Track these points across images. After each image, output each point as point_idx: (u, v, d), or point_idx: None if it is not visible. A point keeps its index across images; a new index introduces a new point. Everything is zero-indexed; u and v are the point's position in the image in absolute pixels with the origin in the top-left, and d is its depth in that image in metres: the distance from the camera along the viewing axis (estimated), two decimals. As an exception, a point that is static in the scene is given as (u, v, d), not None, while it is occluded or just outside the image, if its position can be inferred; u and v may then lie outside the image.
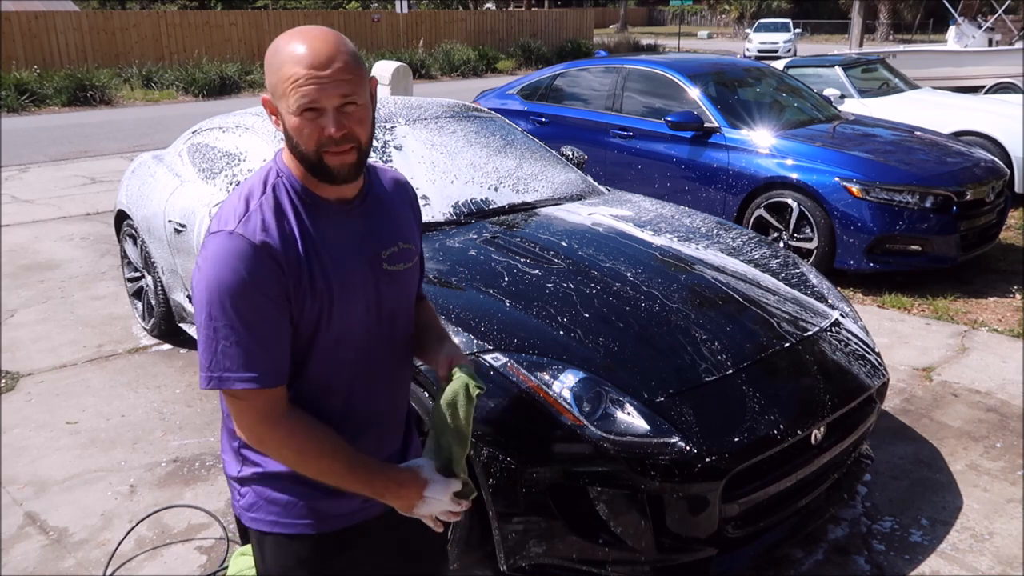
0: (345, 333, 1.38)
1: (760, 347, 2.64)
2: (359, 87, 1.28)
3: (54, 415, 3.72)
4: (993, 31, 14.96)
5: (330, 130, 1.26)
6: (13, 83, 16.07)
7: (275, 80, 1.27)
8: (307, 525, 1.43)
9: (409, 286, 1.50)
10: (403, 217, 1.50)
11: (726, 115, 5.81)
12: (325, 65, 1.24)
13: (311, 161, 1.30)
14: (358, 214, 1.40)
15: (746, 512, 2.40)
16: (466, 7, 38.92)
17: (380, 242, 1.42)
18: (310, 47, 1.25)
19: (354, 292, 1.36)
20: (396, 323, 1.47)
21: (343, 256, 1.36)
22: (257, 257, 1.26)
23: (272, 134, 3.58)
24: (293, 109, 1.26)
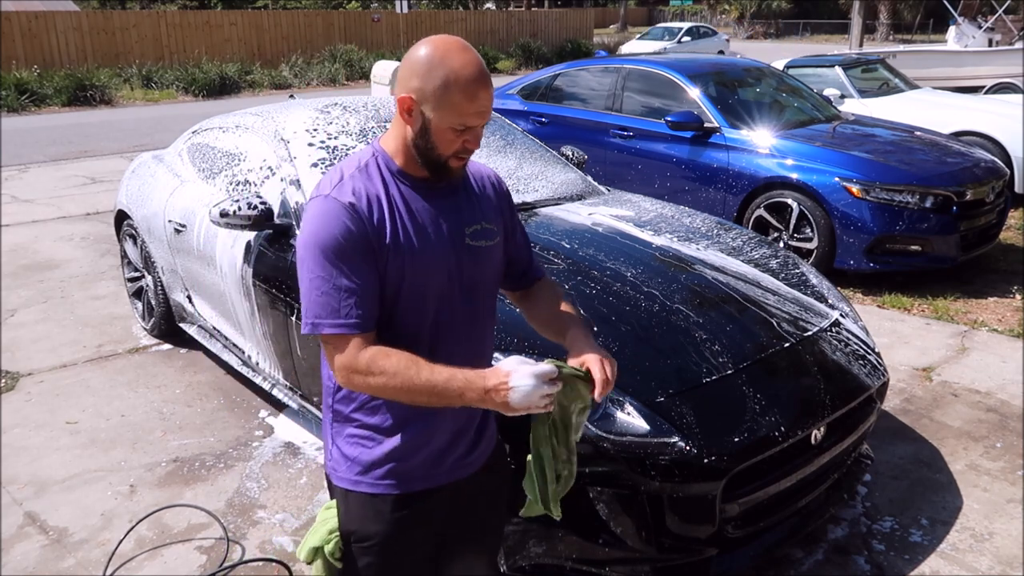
0: (427, 291, 1.49)
1: (760, 347, 2.64)
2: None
3: (54, 415, 3.72)
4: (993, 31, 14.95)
5: (472, 144, 1.46)
6: (13, 83, 16.06)
7: (436, 92, 1.39)
8: (388, 485, 1.55)
9: (491, 264, 1.60)
10: (487, 201, 1.62)
11: (726, 115, 5.81)
12: (486, 96, 1.42)
13: (439, 162, 1.47)
14: (445, 193, 1.54)
15: (746, 512, 2.40)
16: (466, 7, 38.91)
17: (463, 219, 1.55)
18: (476, 73, 1.40)
19: (434, 255, 1.48)
20: (476, 295, 1.57)
21: (426, 223, 1.49)
22: (347, 215, 1.42)
23: (272, 134, 3.58)
24: (451, 124, 1.41)
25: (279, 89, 19.81)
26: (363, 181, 1.47)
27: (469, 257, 1.54)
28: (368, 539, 1.57)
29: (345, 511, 1.61)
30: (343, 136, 3.53)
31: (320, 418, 3.20)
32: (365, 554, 1.58)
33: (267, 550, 2.77)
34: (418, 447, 1.54)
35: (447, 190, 1.55)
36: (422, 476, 1.57)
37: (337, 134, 3.53)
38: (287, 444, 3.46)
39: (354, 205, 1.43)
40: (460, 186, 1.58)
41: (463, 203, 1.57)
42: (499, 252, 1.63)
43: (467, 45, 1.44)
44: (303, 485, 3.15)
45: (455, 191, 1.56)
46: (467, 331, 1.57)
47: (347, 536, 1.60)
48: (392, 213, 1.46)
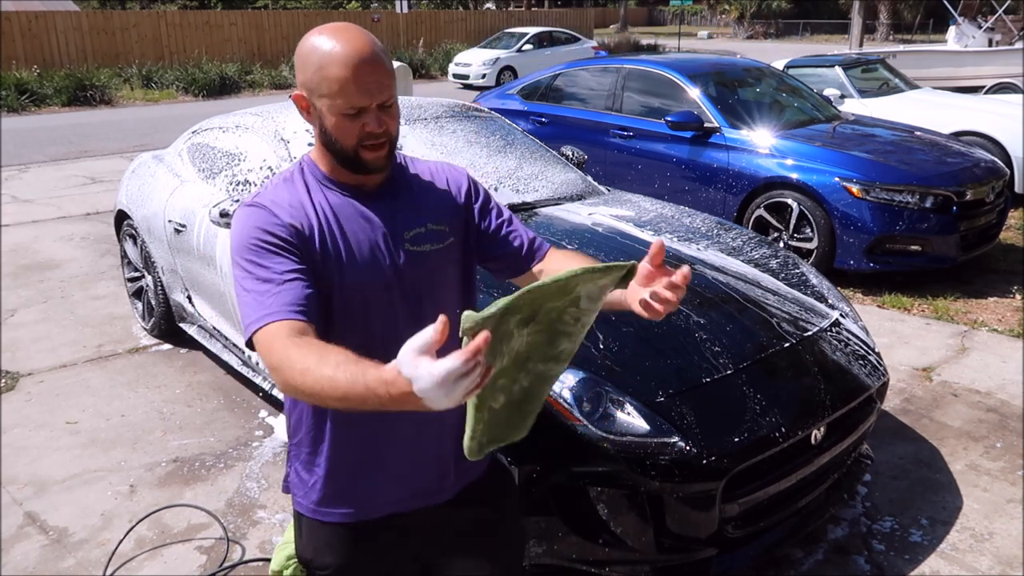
0: (362, 304, 1.40)
1: (760, 347, 2.64)
2: (392, 88, 1.35)
3: (54, 415, 3.72)
4: (993, 31, 14.95)
5: (372, 127, 1.32)
6: (13, 83, 16.06)
7: (314, 79, 1.31)
8: (341, 514, 1.47)
9: (439, 269, 1.48)
10: (436, 200, 1.50)
11: (726, 115, 5.81)
12: (368, 70, 1.29)
13: (347, 155, 1.36)
14: (380, 197, 1.45)
15: (746, 512, 2.40)
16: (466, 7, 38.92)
17: (401, 222, 1.45)
18: (352, 50, 1.29)
19: (365, 264, 1.40)
20: (423, 303, 1.44)
21: (356, 230, 1.41)
22: (263, 214, 1.35)
23: (272, 134, 3.58)
24: (337, 110, 1.31)
25: (279, 89, 19.80)
26: (284, 190, 1.40)
27: (410, 264, 1.44)
28: (324, 568, 1.50)
29: (300, 536, 1.55)
30: (343, 136, 3.52)
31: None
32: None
33: (267, 550, 2.77)
34: (370, 471, 1.45)
35: (380, 194, 1.45)
36: (381, 502, 1.47)
37: (337, 134, 3.53)
38: (287, 444, 3.45)
39: (276, 205, 1.36)
40: (398, 188, 1.48)
41: (401, 206, 1.46)
42: (453, 254, 1.51)
43: (347, 26, 1.32)
44: (303, 485, 3.15)
45: (391, 194, 1.46)
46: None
47: (304, 563, 1.54)
48: (318, 220, 1.38)
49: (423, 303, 1.45)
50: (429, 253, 1.46)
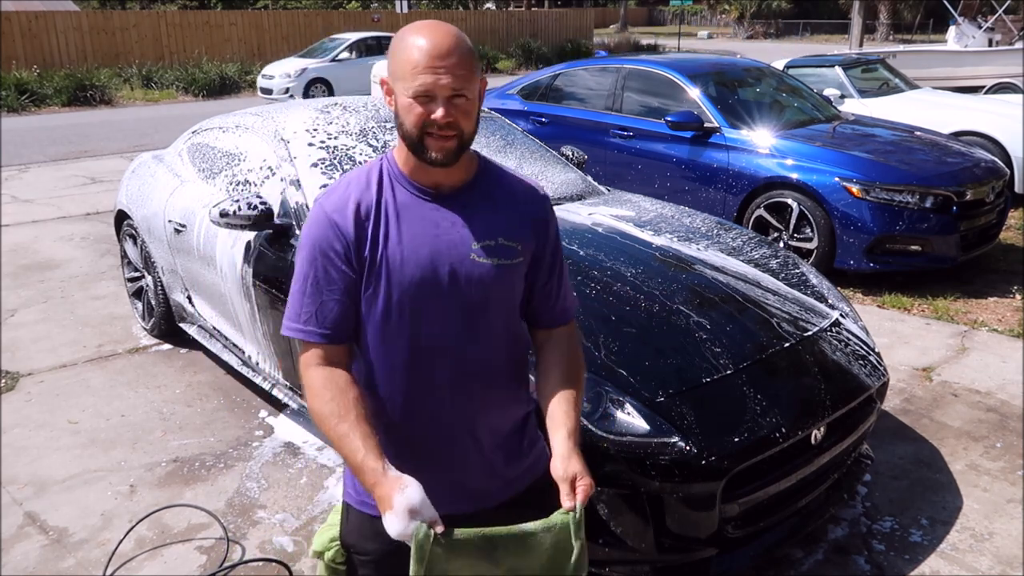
0: (411, 308, 1.43)
1: (760, 347, 2.64)
2: (470, 83, 1.36)
3: (54, 415, 3.72)
4: (993, 31, 14.95)
5: (438, 115, 1.34)
6: (13, 83, 16.07)
7: (396, 63, 1.37)
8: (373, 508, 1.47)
9: (502, 285, 1.47)
10: (516, 217, 1.49)
11: (726, 115, 5.81)
12: (443, 57, 1.33)
13: (413, 140, 1.38)
14: (455, 201, 1.46)
15: (746, 512, 2.40)
16: (466, 7, 38.92)
17: (473, 231, 1.45)
18: (432, 39, 1.34)
19: (420, 268, 1.42)
20: (479, 317, 1.46)
21: (418, 233, 1.42)
22: (325, 224, 1.42)
23: (272, 134, 3.58)
24: (408, 92, 1.35)
25: (279, 89, 19.79)
26: (356, 188, 1.44)
27: (474, 274, 1.44)
28: (366, 553, 1.55)
29: (346, 523, 1.60)
30: (343, 136, 3.53)
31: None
32: (364, 567, 1.57)
33: (267, 550, 2.77)
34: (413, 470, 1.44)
35: (456, 198, 1.46)
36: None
37: (337, 134, 3.54)
38: (287, 444, 3.46)
39: (334, 214, 1.42)
40: (477, 195, 1.47)
41: (477, 214, 1.46)
42: (519, 276, 1.50)
43: (436, 23, 1.38)
44: (303, 485, 3.15)
45: (468, 200, 1.46)
46: (462, 355, 1.46)
47: (347, 547, 1.60)
48: (377, 223, 1.42)
49: (479, 315, 1.46)
50: (496, 267, 1.45)
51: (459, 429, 1.51)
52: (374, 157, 3.43)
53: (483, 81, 1.43)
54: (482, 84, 1.42)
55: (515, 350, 1.55)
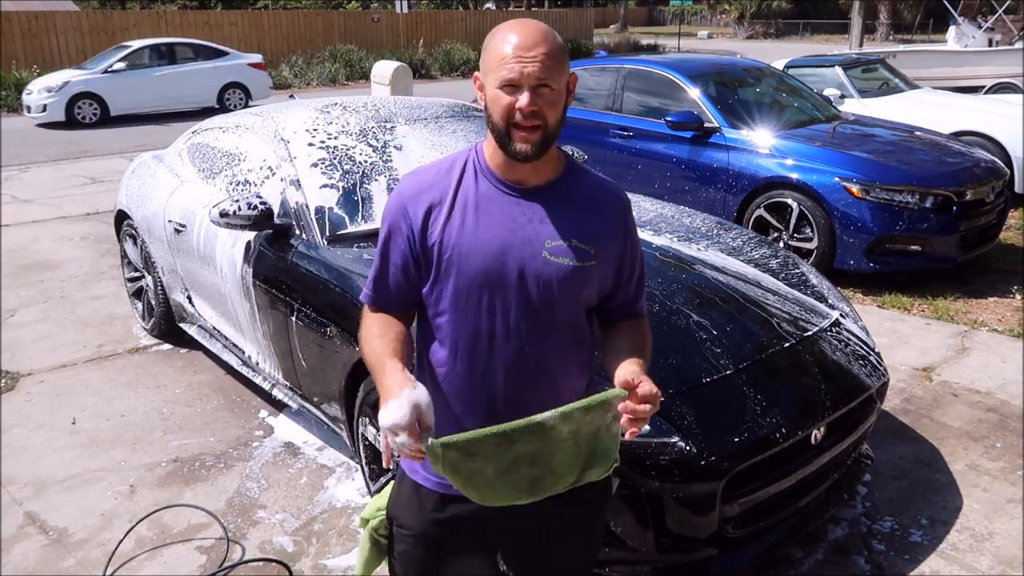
0: (474, 297, 1.45)
1: (760, 347, 2.64)
2: (556, 74, 1.39)
3: (54, 415, 3.72)
4: (993, 31, 14.95)
5: (522, 103, 1.37)
6: (13, 83, 16.06)
7: (487, 58, 1.41)
8: (435, 482, 1.55)
9: (571, 286, 1.47)
10: (594, 220, 1.50)
11: (726, 115, 5.81)
12: (530, 48, 1.36)
13: (500, 132, 1.41)
14: (535, 199, 1.48)
15: (746, 512, 2.40)
16: (466, 7, 38.92)
17: (550, 230, 1.46)
18: (521, 33, 1.38)
19: (486, 259, 1.44)
20: (541, 314, 1.47)
21: (494, 224, 1.45)
22: (397, 205, 1.50)
23: (272, 134, 3.58)
24: (496, 83, 1.39)
25: (279, 89, 19.79)
26: (436, 174, 1.50)
27: (544, 272, 1.45)
28: (407, 528, 1.59)
29: (395, 494, 1.65)
30: (343, 136, 3.53)
31: (319, 418, 3.21)
32: (402, 541, 1.61)
33: (267, 550, 2.77)
34: None
35: (536, 194, 1.47)
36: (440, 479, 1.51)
37: (337, 134, 3.54)
38: (287, 444, 3.46)
39: (407, 197, 1.49)
40: (557, 194, 1.49)
41: (555, 212, 1.47)
42: (590, 278, 1.49)
43: (527, 21, 1.43)
44: (303, 485, 3.15)
45: (547, 197, 1.48)
46: (521, 349, 1.47)
47: (391, 518, 1.64)
48: (451, 211, 1.46)
49: (541, 313, 1.47)
50: (565, 267, 1.46)
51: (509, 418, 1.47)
52: (374, 157, 3.45)
53: (574, 77, 1.45)
54: (572, 80, 1.44)
55: (579, 350, 1.56)
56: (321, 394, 3.09)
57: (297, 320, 3.05)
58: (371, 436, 2.80)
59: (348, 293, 2.83)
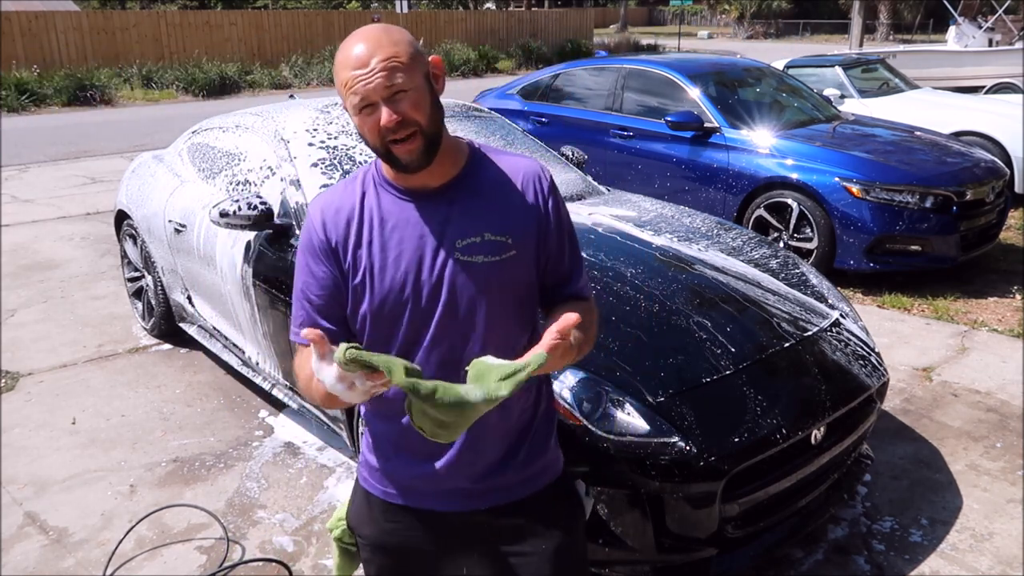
0: (393, 311, 1.39)
1: (760, 347, 2.64)
2: (405, 74, 1.30)
3: (54, 415, 3.72)
4: (993, 31, 14.95)
5: (383, 120, 1.30)
6: (13, 83, 16.06)
7: (337, 85, 1.35)
8: (381, 490, 1.55)
9: (491, 281, 1.39)
10: (508, 209, 1.41)
11: (726, 115, 5.81)
12: (365, 63, 1.28)
13: (382, 154, 1.37)
14: (438, 200, 1.40)
15: (746, 512, 2.40)
16: (466, 7, 38.92)
17: (458, 230, 1.38)
18: (353, 49, 1.31)
19: (406, 273, 1.38)
20: (468, 315, 1.39)
21: (403, 237, 1.39)
22: (311, 226, 1.44)
23: (272, 134, 3.58)
24: (353, 110, 1.34)
25: (279, 89, 19.81)
26: (341, 193, 1.45)
27: (458, 275, 1.38)
28: (364, 537, 1.60)
29: (351, 503, 1.65)
30: (343, 136, 3.53)
31: (319, 418, 3.21)
32: (364, 550, 1.62)
33: (267, 550, 2.77)
34: (405, 460, 1.49)
35: (439, 196, 1.40)
36: (417, 492, 1.51)
37: (337, 134, 3.54)
38: (287, 444, 3.46)
39: (319, 217, 1.44)
40: (461, 190, 1.41)
41: (458, 211, 1.40)
42: (512, 270, 1.41)
43: (361, 30, 1.33)
44: (303, 485, 3.15)
45: (451, 197, 1.40)
46: (454, 355, 1.39)
47: (351, 528, 1.65)
48: (359, 227, 1.40)
49: (470, 316, 1.39)
50: (481, 265, 1.38)
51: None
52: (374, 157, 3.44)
53: (435, 59, 1.37)
54: (433, 65, 1.36)
55: (517, 344, 1.45)
56: (321, 394, 3.09)
57: (297, 320, 3.05)
58: (371, 436, 2.80)
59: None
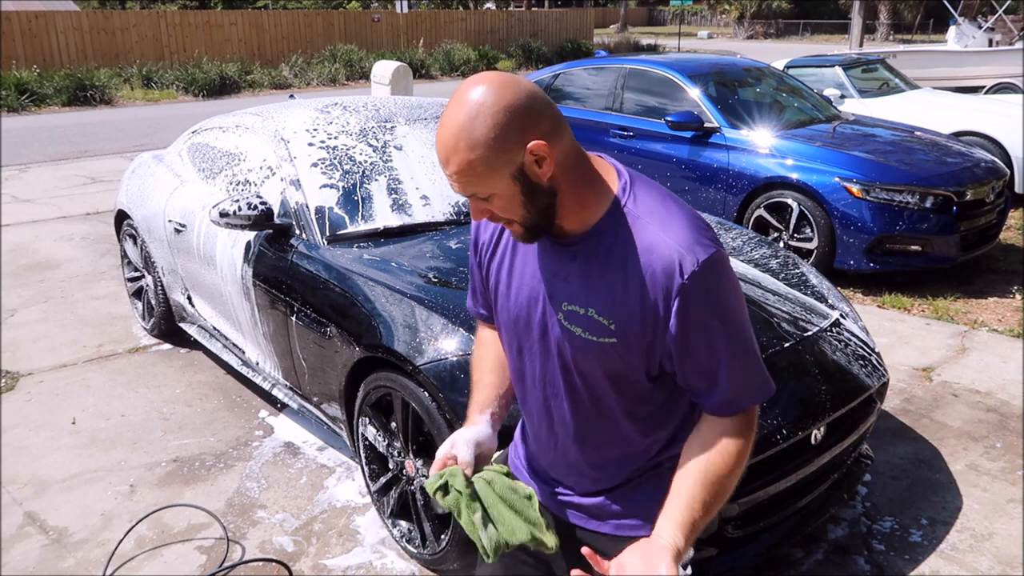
0: (515, 346, 1.41)
1: (760, 347, 2.64)
2: (481, 185, 1.17)
3: (54, 415, 3.72)
4: (993, 31, 14.94)
5: (472, 214, 1.26)
6: (13, 83, 16.06)
7: None
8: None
9: (591, 358, 1.28)
10: (623, 291, 1.22)
11: (726, 115, 5.81)
12: (442, 161, 1.18)
13: None
14: (564, 252, 1.28)
15: (746, 512, 2.39)
16: (466, 7, 38.91)
17: (568, 293, 1.27)
18: (439, 131, 1.17)
19: (521, 310, 1.36)
20: (571, 387, 1.34)
21: (528, 273, 1.33)
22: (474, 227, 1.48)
23: (272, 134, 3.58)
24: None
25: (279, 89, 19.81)
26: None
27: (560, 336, 1.30)
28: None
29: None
30: (343, 136, 3.53)
31: (319, 418, 3.21)
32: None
33: (267, 550, 2.77)
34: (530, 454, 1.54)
35: (575, 246, 1.26)
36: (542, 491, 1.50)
37: (337, 134, 3.54)
38: (287, 444, 3.46)
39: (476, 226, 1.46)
40: (591, 248, 1.25)
41: (577, 273, 1.26)
42: (611, 356, 1.27)
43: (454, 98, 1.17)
44: (303, 485, 3.15)
45: (582, 252, 1.25)
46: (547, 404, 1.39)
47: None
48: (498, 242, 1.39)
49: (567, 384, 1.34)
50: (579, 339, 1.28)
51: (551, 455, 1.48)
52: (374, 157, 3.45)
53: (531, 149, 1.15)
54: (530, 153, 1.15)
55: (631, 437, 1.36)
56: (321, 394, 3.09)
57: (297, 320, 3.05)
58: (371, 436, 2.80)
59: (348, 293, 2.83)
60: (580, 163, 1.24)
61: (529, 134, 1.15)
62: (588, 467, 1.43)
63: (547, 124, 1.17)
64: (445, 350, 2.44)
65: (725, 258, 1.24)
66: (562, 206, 1.22)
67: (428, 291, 2.69)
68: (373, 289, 2.77)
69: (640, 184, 1.28)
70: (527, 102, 1.15)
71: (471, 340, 2.44)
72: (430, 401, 2.43)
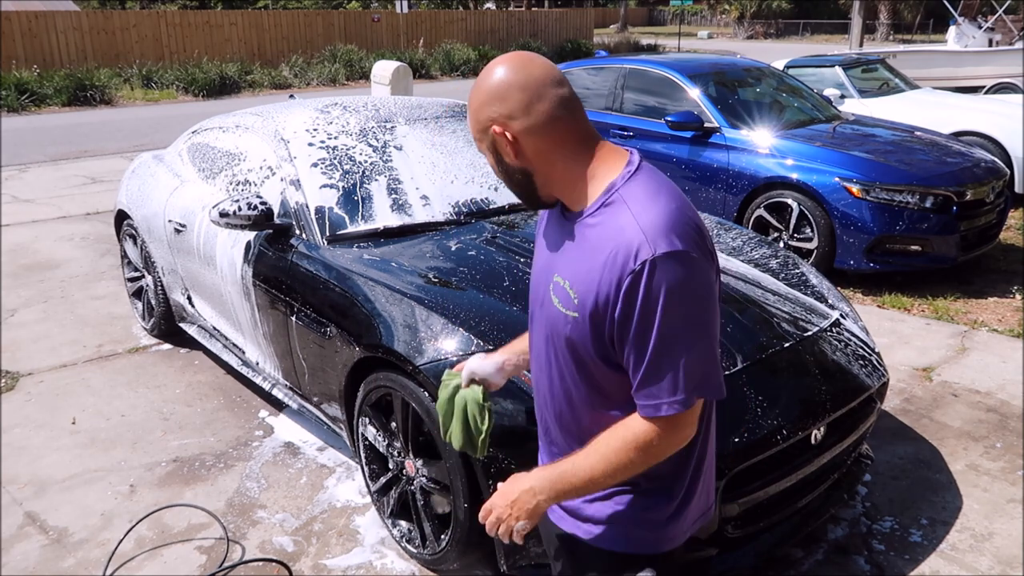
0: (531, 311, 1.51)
1: (760, 347, 2.64)
2: (478, 146, 1.38)
3: (54, 415, 3.72)
4: (993, 31, 14.94)
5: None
6: (13, 83, 16.06)
7: None
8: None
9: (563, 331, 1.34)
10: (590, 269, 1.27)
11: (726, 115, 5.81)
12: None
13: None
14: (567, 229, 1.35)
15: (746, 512, 2.39)
16: (466, 7, 38.91)
17: (559, 264, 1.36)
18: None
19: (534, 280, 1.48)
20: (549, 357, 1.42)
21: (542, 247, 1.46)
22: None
23: (272, 134, 3.58)
24: None
25: (279, 89, 19.81)
26: None
27: (548, 306, 1.38)
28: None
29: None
30: (343, 136, 3.53)
31: (319, 418, 3.21)
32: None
33: (267, 550, 2.77)
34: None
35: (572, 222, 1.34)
36: None
37: (337, 134, 3.54)
38: (287, 444, 3.46)
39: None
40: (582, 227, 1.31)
41: (569, 248, 1.34)
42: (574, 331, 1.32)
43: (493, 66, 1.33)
44: (303, 485, 3.15)
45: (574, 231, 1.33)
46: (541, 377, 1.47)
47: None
48: (541, 221, 1.52)
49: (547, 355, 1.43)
50: (554, 308, 1.36)
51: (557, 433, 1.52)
52: (374, 157, 3.45)
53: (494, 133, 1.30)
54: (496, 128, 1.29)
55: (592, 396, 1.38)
56: (321, 394, 3.09)
57: (297, 320, 3.05)
58: (371, 436, 2.80)
59: (348, 293, 2.83)
60: (568, 148, 1.31)
61: (495, 115, 1.30)
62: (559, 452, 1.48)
63: (513, 108, 1.28)
64: (445, 350, 2.44)
65: (692, 262, 1.22)
66: (546, 185, 1.35)
67: (428, 291, 2.69)
68: (373, 289, 2.77)
69: (642, 173, 1.34)
70: (497, 86, 1.29)
71: (471, 340, 2.44)
72: (430, 401, 2.43)
